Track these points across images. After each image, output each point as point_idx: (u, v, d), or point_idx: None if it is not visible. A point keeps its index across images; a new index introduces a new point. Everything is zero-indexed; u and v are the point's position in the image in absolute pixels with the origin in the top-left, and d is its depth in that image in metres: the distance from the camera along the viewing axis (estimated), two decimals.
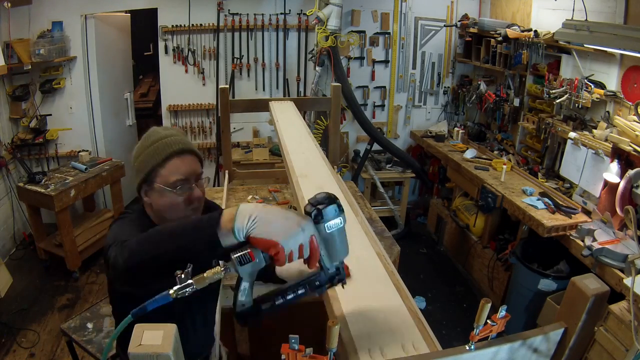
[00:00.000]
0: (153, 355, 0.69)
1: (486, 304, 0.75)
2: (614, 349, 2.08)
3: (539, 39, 3.35)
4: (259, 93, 4.45)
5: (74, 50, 4.04)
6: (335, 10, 3.78)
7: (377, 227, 2.41)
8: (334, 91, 2.92)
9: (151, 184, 1.19)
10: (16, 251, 4.01)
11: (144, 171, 1.19)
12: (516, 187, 3.27)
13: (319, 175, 1.89)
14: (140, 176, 1.20)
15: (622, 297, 2.23)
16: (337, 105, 2.95)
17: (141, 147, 1.23)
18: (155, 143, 1.20)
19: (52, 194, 3.27)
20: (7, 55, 3.63)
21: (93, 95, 4.26)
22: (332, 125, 2.98)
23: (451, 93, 4.80)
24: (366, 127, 4.14)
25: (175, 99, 4.38)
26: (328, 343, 0.75)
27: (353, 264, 1.25)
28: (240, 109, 3.33)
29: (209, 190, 2.95)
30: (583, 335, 0.85)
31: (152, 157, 1.19)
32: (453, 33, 4.61)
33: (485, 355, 0.81)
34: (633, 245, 2.40)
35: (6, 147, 3.84)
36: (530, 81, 3.66)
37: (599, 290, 0.82)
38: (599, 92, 2.85)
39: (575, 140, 2.99)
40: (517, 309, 2.95)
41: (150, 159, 1.19)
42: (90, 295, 3.48)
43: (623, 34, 2.54)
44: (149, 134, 1.26)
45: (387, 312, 1.03)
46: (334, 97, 2.92)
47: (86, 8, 3.97)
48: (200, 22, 4.16)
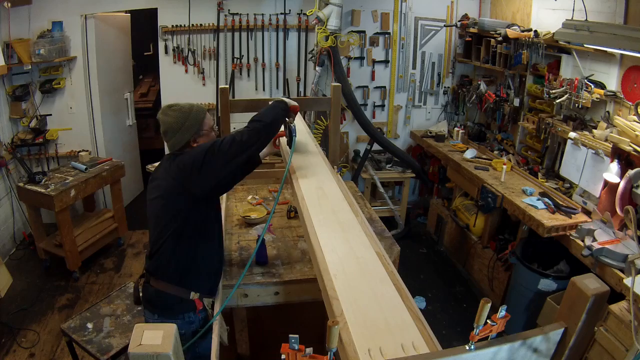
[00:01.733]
0: (153, 355, 0.70)
1: (486, 304, 0.75)
2: (614, 349, 2.08)
3: (539, 39, 3.34)
4: (259, 93, 4.45)
5: (74, 50, 4.04)
6: (335, 10, 3.78)
7: (377, 227, 2.42)
8: (334, 91, 2.92)
9: (200, 131, 1.75)
10: (16, 251, 4.02)
11: (196, 125, 1.73)
12: (516, 187, 3.27)
13: (319, 175, 1.89)
14: (193, 130, 1.73)
15: (622, 297, 2.23)
16: (337, 105, 2.95)
17: (184, 114, 1.73)
18: (193, 109, 1.76)
19: (52, 194, 3.27)
20: (7, 55, 3.64)
21: (93, 95, 4.26)
22: (332, 125, 2.98)
23: (451, 93, 4.80)
24: (366, 127, 4.14)
25: (175, 99, 4.32)
26: (328, 343, 0.75)
27: (353, 264, 1.25)
28: (240, 109, 3.32)
29: None
30: (583, 335, 0.85)
31: (198, 116, 1.75)
32: (453, 33, 4.61)
33: (485, 355, 0.81)
34: (633, 245, 2.40)
35: (6, 147, 3.84)
36: (530, 81, 3.66)
37: (599, 290, 0.82)
38: (599, 92, 2.85)
39: (575, 140, 2.99)
40: (517, 309, 2.95)
41: (198, 117, 1.75)
42: (90, 295, 3.48)
43: (623, 34, 2.54)
44: (180, 106, 1.75)
45: (387, 312, 1.03)
46: (334, 97, 2.92)
47: (86, 8, 3.97)
48: (200, 22, 4.16)
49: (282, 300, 1.97)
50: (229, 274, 1.98)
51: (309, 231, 1.44)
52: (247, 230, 2.38)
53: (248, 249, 2.18)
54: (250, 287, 1.94)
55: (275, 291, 1.96)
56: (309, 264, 2.05)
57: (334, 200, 1.67)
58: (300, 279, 1.95)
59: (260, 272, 1.99)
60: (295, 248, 2.21)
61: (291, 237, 2.32)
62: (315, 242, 1.36)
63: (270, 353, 2.61)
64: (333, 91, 2.93)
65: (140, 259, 4.07)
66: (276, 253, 2.15)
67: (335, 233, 1.43)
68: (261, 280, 1.95)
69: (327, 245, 1.33)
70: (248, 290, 1.94)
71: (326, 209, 1.59)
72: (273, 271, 2.00)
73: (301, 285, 1.95)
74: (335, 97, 2.92)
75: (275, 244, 2.24)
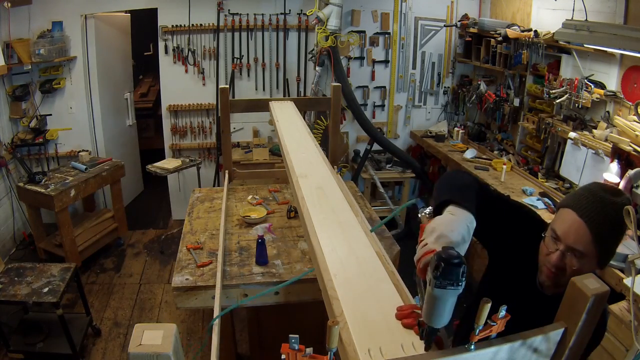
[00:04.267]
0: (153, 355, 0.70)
1: (486, 304, 0.75)
2: (614, 349, 2.08)
3: (539, 39, 3.35)
4: (259, 93, 4.45)
5: (74, 50, 4.04)
6: (335, 10, 3.78)
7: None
8: (334, 91, 2.92)
9: None
10: (16, 251, 4.01)
11: None
12: (516, 187, 3.27)
13: (319, 175, 1.89)
14: None
15: (622, 297, 2.23)
16: (337, 105, 2.95)
17: None
18: None
19: (52, 194, 3.27)
20: (7, 55, 3.64)
21: (93, 95, 4.26)
22: (332, 125, 2.98)
23: (451, 93, 4.80)
24: (366, 127, 4.14)
25: (175, 99, 4.38)
26: (328, 343, 0.75)
27: (353, 264, 1.25)
28: (240, 109, 3.33)
29: (209, 190, 2.95)
30: (583, 335, 0.85)
31: None
32: (453, 33, 4.61)
33: (485, 355, 0.81)
34: (633, 245, 2.39)
35: (6, 147, 3.84)
36: (530, 81, 3.66)
37: (599, 290, 0.82)
38: (599, 92, 2.85)
39: (575, 140, 2.99)
40: None
41: None
42: (90, 295, 3.48)
43: (623, 34, 2.54)
44: None
45: (387, 312, 1.03)
46: (334, 97, 2.92)
47: (86, 8, 3.97)
48: (200, 22, 4.16)
49: (282, 300, 1.97)
50: (229, 274, 1.98)
51: (309, 231, 1.44)
52: (247, 230, 2.38)
53: (248, 249, 2.18)
54: (250, 287, 1.94)
55: (275, 291, 1.96)
56: (309, 264, 2.05)
57: (334, 200, 1.67)
58: (300, 279, 1.95)
59: (260, 272, 1.99)
60: (295, 248, 2.21)
61: (291, 237, 2.32)
62: (315, 242, 1.36)
63: (270, 353, 2.62)
64: (333, 91, 2.93)
65: (141, 259, 4.07)
66: (276, 253, 2.15)
67: (335, 233, 1.43)
68: (261, 280, 1.95)
69: (327, 245, 1.33)
70: (248, 290, 1.94)
71: (326, 209, 1.59)
72: (273, 271, 2.00)
73: (301, 285, 1.95)
74: (335, 97, 2.92)
75: (275, 244, 2.24)
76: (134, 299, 3.50)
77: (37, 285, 2.66)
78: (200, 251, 2.17)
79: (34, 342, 2.78)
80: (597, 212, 1.04)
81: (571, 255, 1.07)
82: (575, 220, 1.06)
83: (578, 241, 1.05)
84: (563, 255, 1.07)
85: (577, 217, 1.05)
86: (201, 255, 2.13)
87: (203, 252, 2.16)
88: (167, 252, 4.14)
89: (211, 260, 2.07)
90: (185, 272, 1.99)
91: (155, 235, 4.48)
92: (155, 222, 4.77)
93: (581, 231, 1.04)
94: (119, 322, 3.24)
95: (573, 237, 1.05)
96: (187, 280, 1.94)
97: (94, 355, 2.93)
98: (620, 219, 1.03)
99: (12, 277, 2.73)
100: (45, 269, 2.80)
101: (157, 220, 4.81)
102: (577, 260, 1.06)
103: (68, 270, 2.80)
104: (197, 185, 4.11)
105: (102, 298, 3.49)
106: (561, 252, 1.08)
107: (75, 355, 2.74)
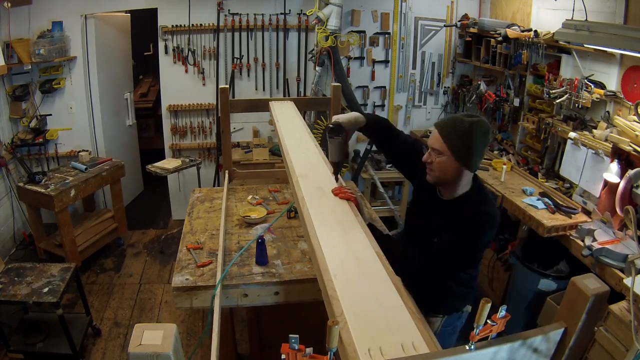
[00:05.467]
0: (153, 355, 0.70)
1: (486, 304, 0.75)
2: (614, 349, 2.09)
3: (539, 39, 3.34)
4: (259, 93, 4.45)
5: (74, 50, 4.04)
6: (335, 10, 3.78)
7: (377, 227, 2.41)
8: (334, 91, 2.92)
9: None
10: (16, 251, 4.01)
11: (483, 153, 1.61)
12: (516, 187, 3.27)
13: (319, 175, 1.89)
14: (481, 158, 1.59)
15: (622, 297, 2.23)
16: (337, 105, 2.95)
17: (484, 139, 1.55)
18: None
19: (52, 194, 3.27)
20: (7, 55, 3.64)
21: (93, 95, 4.26)
22: None
23: (451, 93, 4.80)
24: None
25: (175, 99, 4.38)
26: (328, 343, 0.75)
27: (353, 264, 1.25)
28: (240, 109, 3.33)
29: (209, 190, 2.95)
30: (583, 335, 0.85)
31: None
32: (453, 33, 4.61)
33: (485, 355, 0.81)
34: (633, 245, 2.40)
35: (6, 147, 3.84)
36: (530, 81, 3.66)
37: (599, 290, 0.82)
38: (599, 92, 2.85)
39: (575, 140, 2.99)
40: (517, 309, 2.95)
41: None
42: (90, 295, 3.48)
43: (623, 34, 2.54)
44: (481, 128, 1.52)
45: (387, 312, 1.03)
46: (334, 97, 2.92)
47: (86, 8, 3.97)
48: (200, 22, 4.16)
49: (282, 300, 1.97)
50: (229, 274, 1.98)
51: (309, 231, 1.44)
52: (247, 230, 2.38)
53: (248, 249, 2.18)
54: (250, 287, 1.94)
55: (275, 291, 1.96)
56: (309, 264, 2.05)
57: (334, 200, 1.67)
58: (300, 279, 1.95)
59: (260, 272, 1.99)
60: (295, 248, 2.21)
61: (291, 237, 2.32)
62: (315, 242, 1.36)
63: (270, 353, 2.62)
64: (333, 91, 2.93)
65: (141, 259, 4.07)
66: (276, 253, 2.15)
67: (335, 233, 1.43)
68: (261, 280, 1.95)
69: (327, 245, 1.33)
70: (248, 290, 1.94)
71: (326, 209, 1.59)
72: (273, 271, 2.00)
73: (301, 285, 1.95)
74: (335, 97, 2.92)
75: (275, 244, 2.24)
76: (134, 299, 3.50)
77: (37, 285, 2.66)
78: (200, 251, 2.17)
79: (34, 342, 2.78)
80: (446, 124, 1.55)
81: (434, 153, 1.57)
82: (435, 131, 1.58)
83: (433, 142, 1.57)
84: (429, 155, 1.60)
85: (436, 129, 1.58)
86: (201, 255, 2.13)
87: (203, 252, 2.16)
88: (167, 252, 4.14)
89: (211, 260, 2.07)
90: (185, 272, 1.99)
91: (155, 235, 4.48)
92: (155, 222, 4.77)
93: (435, 135, 1.56)
94: (119, 322, 3.24)
95: (431, 141, 1.58)
96: (187, 280, 1.94)
97: (94, 355, 2.93)
98: (466, 129, 1.48)
99: (12, 277, 2.73)
100: (45, 269, 2.80)
101: (157, 220, 4.81)
102: (437, 155, 1.56)
103: (68, 270, 2.81)
104: (197, 185, 4.11)
105: (102, 298, 3.49)
106: (428, 152, 1.61)
107: (75, 355, 2.74)
